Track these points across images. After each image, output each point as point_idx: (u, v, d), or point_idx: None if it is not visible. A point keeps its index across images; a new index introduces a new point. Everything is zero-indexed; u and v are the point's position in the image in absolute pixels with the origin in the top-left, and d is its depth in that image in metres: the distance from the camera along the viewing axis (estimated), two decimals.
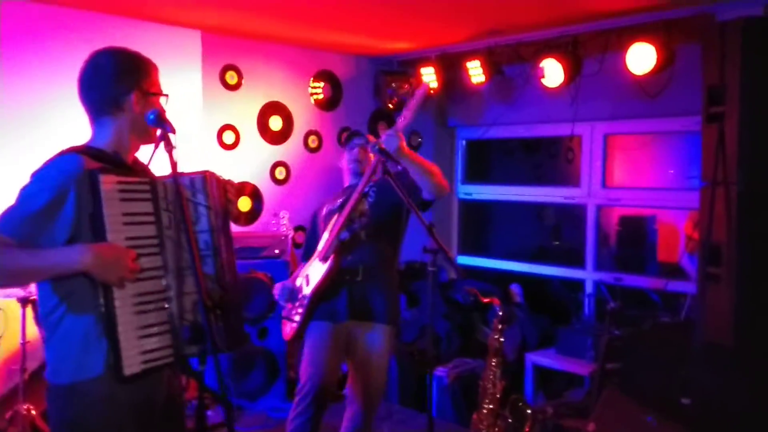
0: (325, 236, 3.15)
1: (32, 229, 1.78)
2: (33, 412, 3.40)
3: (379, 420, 4.28)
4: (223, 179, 2.15)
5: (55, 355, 1.90)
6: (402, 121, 2.91)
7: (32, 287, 2.97)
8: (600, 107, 5.00)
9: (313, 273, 3.16)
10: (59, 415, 1.91)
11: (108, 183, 1.83)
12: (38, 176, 1.85)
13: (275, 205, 5.02)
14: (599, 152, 5.27)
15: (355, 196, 3.04)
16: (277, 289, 3.30)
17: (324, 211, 3.34)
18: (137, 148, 2.06)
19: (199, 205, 2.02)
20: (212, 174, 2.08)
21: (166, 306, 1.94)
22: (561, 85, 4.64)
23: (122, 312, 1.84)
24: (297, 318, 3.17)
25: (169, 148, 1.92)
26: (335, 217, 3.17)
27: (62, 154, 1.90)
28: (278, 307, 3.45)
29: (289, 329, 3.26)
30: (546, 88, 4.78)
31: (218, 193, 2.08)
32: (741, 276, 3.23)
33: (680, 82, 4.38)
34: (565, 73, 4.55)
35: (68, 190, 1.80)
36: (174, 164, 1.90)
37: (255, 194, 5.01)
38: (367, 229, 3.17)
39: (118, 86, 1.95)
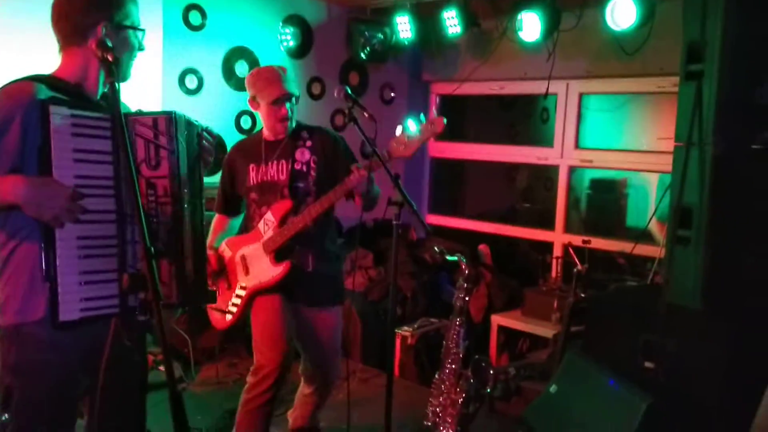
0: (270, 219, 2.89)
1: None
2: None
3: (340, 379, 4.22)
4: (199, 125, 2.04)
5: (3, 295, 1.81)
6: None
7: None
8: (576, 65, 4.88)
9: (257, 265, 2.91)
10: (4, 357, 1.82)
11: (59, 115, 1.72)
12: None
13: None
14: (574, 112, 5.17)
15: (315, 211, 2.80)
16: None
17: (252, 172, 2.98)
18: (105, 84, 1.92)
19: (161, 147, 1.88)
20: (181, 117, 1.95)
21: (115, 252, 1.82)
22: (538, 40, 4.50)
23: (64, 254, 1.74)
24: (233, 310, 2.94)
25: (111, 79, 1.76)
26: (289, 206, 2.89)
27: (17, 81, 1.79)
28: None
29: (220, 320, 3.01)
30: (522, 43, 4.63)
31: (187, 138, 1.95)
32: (711, 239, 3.16)
33: (659, 39, 4.27)
34: (542, 27, 4.40)
35: (13, 118, 1.69)
36: (114, 96, 1.74)
37: (219, 144, 4.80)
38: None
39: (87, 17, 1.85)
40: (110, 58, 1.74)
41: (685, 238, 3.23)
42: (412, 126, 2.69)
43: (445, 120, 2.65)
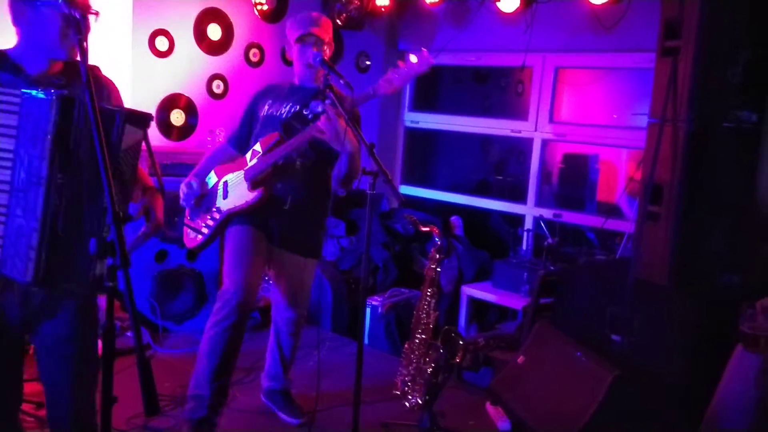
0: (257, 150, 2.93)
1: None
2: None
3: (311, 347, 4.22)
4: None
5: None
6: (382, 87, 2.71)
7: None
8: (553, 38, 4.86)
9: (235, 191, 2.95)
10: None
11: None
12: None
13: (211, 122, 4.75)
14: (549, 85, 5.16)
15: (302, 137, 2.82)
16: (184, 186, 3.02)
17: (266, 109, 3.07)
18: (53, 53, 1.93)
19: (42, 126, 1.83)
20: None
21: (4, 221, 1.83)
22: (516, 11, 4.47)
23: None
24: (205, 230, 2.99)
25: (77, 37, 1.69)
26: (276, 137, 2.91)
27: None
28: (180, 207, 3.14)
29: (192, 239, 3.07)
30: (500, 13, 4.60)
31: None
32: (680, 216, 3.20)
33: (637, 15, 4.27)
34: None
35: None
36: (83, 55, 1.68)
37: (189, 107, 4.72)
38: (305, 159, 3.00)
39: None
40: (83, 19, 1.72)
41: (655, 214, 3.27)
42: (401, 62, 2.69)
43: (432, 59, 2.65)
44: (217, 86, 4.85)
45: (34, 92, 1.81)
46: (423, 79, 6.09)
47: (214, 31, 4.76)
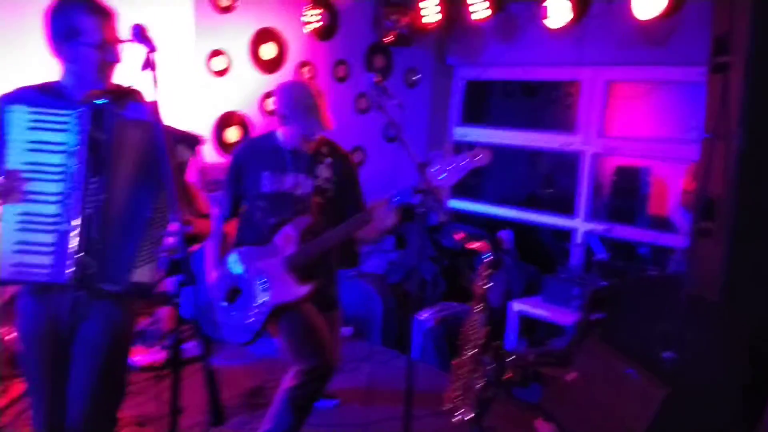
0: (290, 233, 2.88)
1: None
2: (8, 336, 3.36)
3: (360, 360, 4.30)
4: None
5: None
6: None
7: None
8: (603, 52, 4.85)
9: (279, 283, 2.86)
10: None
11: (16, 113, 1.95)
12: None
13: None
14: (599, 99, 5.14)
15: (354, 227, 2.83)
16: (212, 282, 2.92)
17: (266, 183, 2.93)
18: (93, 84, 2.08)
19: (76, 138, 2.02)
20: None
21: (55, 229, 2.00)
22: (566, 27, 4.48)
23: (4, 226, 1.98)
24: (254, 326, 2.89)
25: (150, 67, 1.82)
26: (308, 221, 2.90)
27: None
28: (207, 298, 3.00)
29: (236, 334, 2.95)
30: (550, 28, 4.61)
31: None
32: (733, 232, 3.17)
33: (688, 30, 4.23)
34: (570, 13, 4.38)
35: None
36: (156, 85, 1.80)
37: (243, 124, 4.87)
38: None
39: (54, 38, 2.04)
40: (154, 50, 1.86)
41: (707, 230, 3.24)
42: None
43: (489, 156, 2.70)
44: (270, 104, 4.98)
45: (74, 110, 1.98)
46: (472, 93, 6.15)
47: (268, 51, 4.90)
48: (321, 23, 5.13)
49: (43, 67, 2.11)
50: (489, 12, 4.82)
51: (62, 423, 2.19)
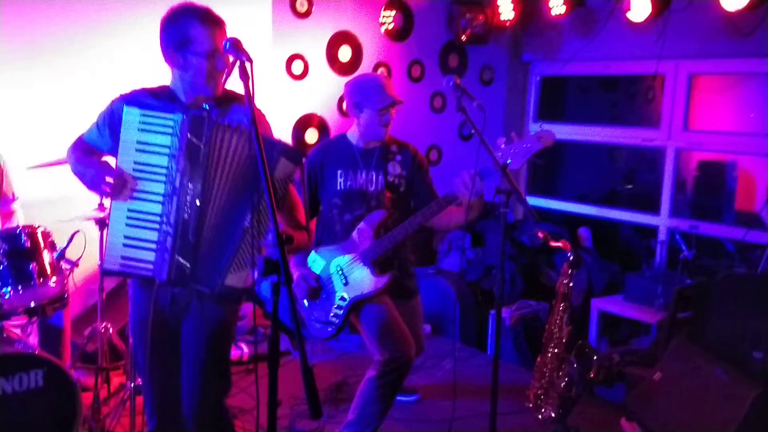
0: (364, 228, 2.95)
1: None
2: (110, 329, 3.55)
3: (440, 357, 4.33)
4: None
5: None
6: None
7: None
8: (686, 45, 4.71)
9: (356, 276, 2.95)
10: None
11: (129, 114, 2.08)
12: None
13: None
14: (683, 93, 5.00)
15: (430, 214, 2.85)
16: (297, 281, 2.96)
17: (341, 181, 3.04)
18: (203, 90, 2.20)
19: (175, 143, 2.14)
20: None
21: (158, 228, 2.11)
22: (647, 20, 4.38)
23: (114, 221, 2.13)
24: (335, 320, 2.98)
25: (245, 78, 1.90)
26: (383, 215, 2.97)
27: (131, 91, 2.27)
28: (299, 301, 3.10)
29: (320, 329, 3.03)
30: (630, 22, 4.52)
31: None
32: None
33: None
34: (652, 7, 4.28)
35: (104, 114, 2.27)
36: (249, 94, 1.88)
37: (322, 126, 4.97)
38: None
39: (167, 47, 2.17)
40: (250, 61, 1.92)
41: None
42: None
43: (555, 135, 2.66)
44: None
45: (180, 114, 2.09)
46: (548, 89, 6.08)
47: (344, 53, 4.99)
48: (393, 25, 5.18)
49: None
50: (566, 7, 4.75)
51: (174, 410, 2.32)
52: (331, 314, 2.98)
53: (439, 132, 5.58)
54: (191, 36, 2.12)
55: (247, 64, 1.89)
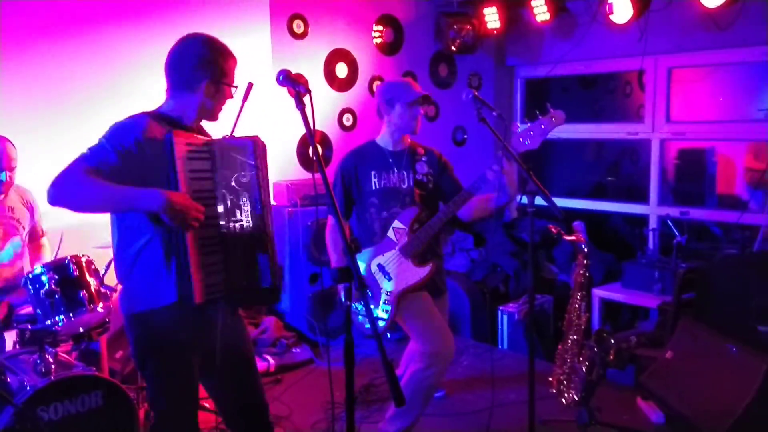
0: (400, 226, 3.12)
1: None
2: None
3: (457, 353, 4.51)
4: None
5: (133, 287, 2.22)
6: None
7: None
8: (665, 41, 4.98)
9: (399, 270, 3.10)
10: (139, 341, 2.25)
11: (179, 144, 2.12)
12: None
13: (343, 151, 5.13)
14: (663, 86, 5.27)
15: (458, 205, 3.03)
16: (342, 288, 3.05)
17: (375, 181, 3.20)
18: (199, 120, 2.33)
19: (246, 166, 2.27)
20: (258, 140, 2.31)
21: (219, 249, 2.20)
22: (629, 21, 4.63)
23: (193, 252, 2.12)
24: (385, 315, 3.12)
25: (302, 106, 2.07)
26: (416, 211, 3.13)
27: (132, 116, 2.22)
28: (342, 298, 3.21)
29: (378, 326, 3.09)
30: (611, 23, 4.77)
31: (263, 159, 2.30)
32: None
33: (751, 11, 4.34)
34: (633, 8, 4.53)
35: (131, 142, 2.12)
36: (307, 122, 2.06)
37: (324, 141, 5.15)
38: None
39: (195, 74, 2.23)
40: (309, 92, 2.12)
41: None
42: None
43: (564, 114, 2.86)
44: (347, 119, 5.26)
45: (232, 142, 2.22)
46: (532, 91, 6.32)
47: (341, 70, 5.18)
48: (381, 40, 5.38)
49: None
50: (550, 14, 4.99)
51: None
52: (381, 309, 3.13)
53: (434, 139, 5.75)
54: (226, 68, 2.27)
55: (303, 94, 2.07)
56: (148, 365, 2.26)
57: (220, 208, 2.22)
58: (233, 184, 2.24)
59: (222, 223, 2.22)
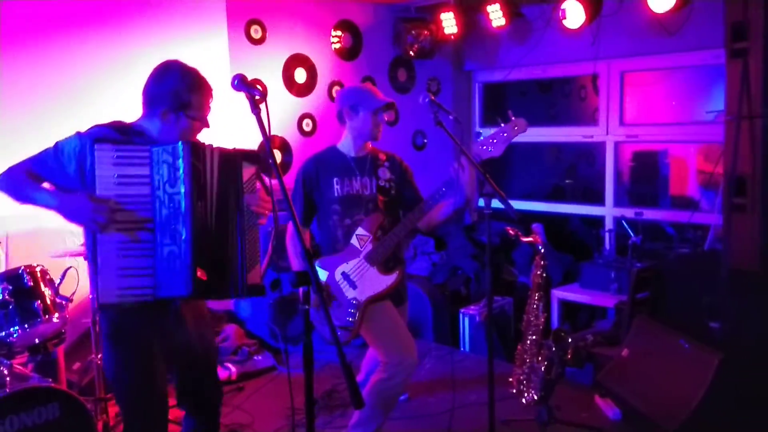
0: (363, 234, 3.10)
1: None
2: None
3: (419, 356, 4.53)
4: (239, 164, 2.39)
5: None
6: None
7: None
8: (618, 46, 5.10)
9: (365, 278, 3.07)
10: (107, 326, 2.31)
11: (102, 150, 2.16)
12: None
13: (303, 157, 5.13)
14: (617, 90, 5.39)
15: (427, 210, 3.03)
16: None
17: (337, 188, 3.16)
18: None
19: (176, 169, 2.25)
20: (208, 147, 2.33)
21: (151, 254, 2.22)
22: (582, 26, 4.73)
23: (103, 254, 2.16)
24: (351, 324, 3.07)
25: (257, 111, 2.08)
26: (380, 219, 3.13)
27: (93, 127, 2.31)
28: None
29: (341, 335, 3.06)
30: (565, 28, 4.86)
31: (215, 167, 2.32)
32: (766, 205, 3.40)
33: (699, 16, 4.47)
34: (585, 14, 4.63)
35: (75, 152, 2.25)
36: (262, 126, 2.06)
37: (284, 146, 5.14)
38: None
39: (155, 99, 2.31)
40: (265, 95, 2.16)
41: (741, 205, 3.48)
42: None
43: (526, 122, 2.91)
44: (307, 125, 5.26)
45: (164, 146, 2.23)
46: (490, 96, 6.40)
47: (300, 75, 5.18)
48: (340, 45, 5.40)
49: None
50: (505, 19, 5.06)
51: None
52: (347, 318, 3.09)
53: (394, 144, 5.80)
54: (199, 101, 2.34)
55: (259, 99, 2.07)
56: (108, 348, 2.33)
57: (163, 212, 2.22)
58: (167, 188, 2.23)
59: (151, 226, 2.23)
